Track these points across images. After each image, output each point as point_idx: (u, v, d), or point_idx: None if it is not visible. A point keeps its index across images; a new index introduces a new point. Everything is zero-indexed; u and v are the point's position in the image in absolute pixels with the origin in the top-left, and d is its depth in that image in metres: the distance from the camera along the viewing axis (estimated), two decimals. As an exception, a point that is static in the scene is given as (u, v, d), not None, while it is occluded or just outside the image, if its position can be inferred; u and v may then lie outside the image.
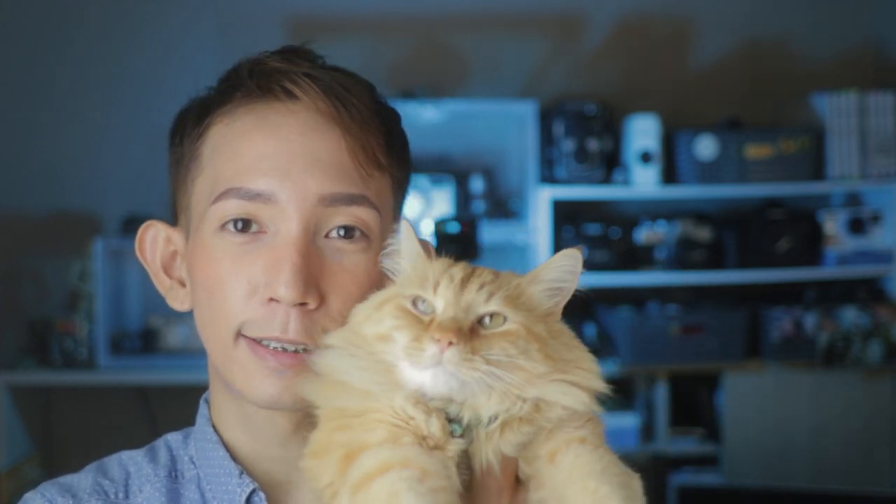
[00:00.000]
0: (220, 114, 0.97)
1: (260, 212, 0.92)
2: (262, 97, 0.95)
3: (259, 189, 0.92)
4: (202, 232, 0.95)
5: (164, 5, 3.84)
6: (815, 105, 3.79)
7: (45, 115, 3.81)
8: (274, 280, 0.91)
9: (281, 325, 0.91)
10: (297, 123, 0.94)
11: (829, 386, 3.70)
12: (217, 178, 0.94)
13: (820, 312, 3.73)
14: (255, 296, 0.92)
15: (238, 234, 0.93)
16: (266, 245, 0.92)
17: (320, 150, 0.93)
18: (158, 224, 1.03)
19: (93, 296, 3.61)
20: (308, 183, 0.92)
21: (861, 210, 3.77)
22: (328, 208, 0.93)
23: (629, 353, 3.66)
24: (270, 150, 0.92)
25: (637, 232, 3.77)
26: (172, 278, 1.03)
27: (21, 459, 3.57)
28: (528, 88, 3.93)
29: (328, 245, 0.94)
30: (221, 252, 0.93)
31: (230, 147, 0.94)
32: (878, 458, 3.69)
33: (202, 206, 0.96)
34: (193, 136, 0.98)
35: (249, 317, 0.92)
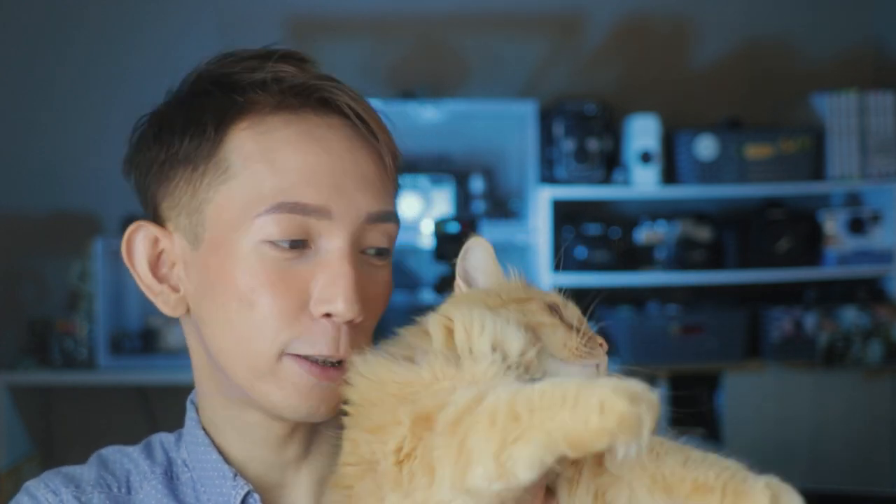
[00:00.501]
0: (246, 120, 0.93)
1: (312, 227, 0.91)
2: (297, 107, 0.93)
3: (315, 204, 0.90)
4: (236, 242, 0.91)
5: (164, 5, 3.84)
6: (815, 105, 3.79)
7: (45, 115, 3.81)
8: (331, 296, 0.90)
9: (333, 341, 0.91)
10: (342, 139, 0.93)
11: (829, 386, 3.70)
12: (259, 189, 0.91)
13: (820, 312, 3.73)
14: (305, 312, 0.90)
15: (289, 250, 0.91)
16: (315, 261, 0.91)
17: (365, 166, 0.93)
18: (147, 224, 0.98)
19: (93, 296, 3.61)
20: (359, 200, 0.92)
21: (861, 210, 3.77)
22: (369, 225, 0.94)
23: (629, 353, 3.66)
24: (322, 165, 0.91)
25: (637, 232, 3.77)
26: (161, 282, 0.99)
27: (21, 459, 3.57)
28: (528, 88, 3.93)
29: (364, 261, 0.95)
30: (266, 265, 0.90)
31: (269, 157, 0.91)
32: (878, 458, 3.69)
33: (236, 215, 0.91)
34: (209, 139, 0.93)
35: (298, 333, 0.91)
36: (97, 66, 3.81)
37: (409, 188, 3.67)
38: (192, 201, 0.94)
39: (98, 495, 1.00)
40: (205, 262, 0.94)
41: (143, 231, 0.98)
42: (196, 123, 0.94)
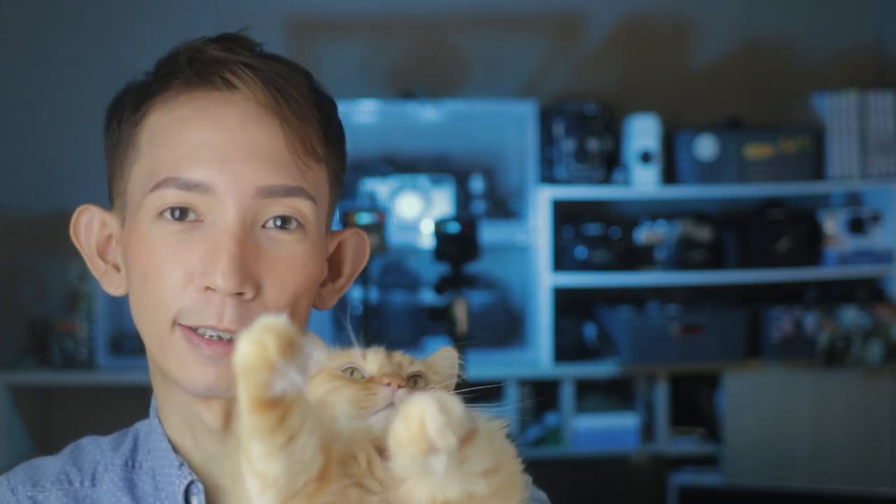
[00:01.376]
0: (159, 101, 0.96)
1: (198, 201, 0.92)
2: (200, 86, 0.95)
3: (198, 179, 0.92)
4: (139, 219, 0.95)
5: (164, 5, 3.84)
6: (815, 105, 3.79)
7: (45, 115, 3.81)
8: (211, 269, 0.91)
9: (217, 313, 0.91)
10: (237, 113, 0.93)
11: (830, 386, 3.70)
12: (155, 167, 0.94)
13: (820, 312, 3.73)
14: (192, 284, 0.92)
15: (175, 223, 0.92)
16: (203, 234, 0.92)
17: (259, 141, 0.93)
18: (93, 208, 1.03)
19: (93, 296, 3.61)
20: (247, 174, 0.92)
21: (861, 210, 3.77)
22: (266, 199, 0.93)
23: (629, 353, 3.66)
24: (209, 140, 0.93)
25: (637, 232, 3.77)
26: (107, 263, 1.02)
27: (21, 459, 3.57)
28: (528, 88, 3.93)
29: (264, 235, 0.94)
30: (158, 239, 0.93)
31: (168, 135, 0.94)
32: (878, 458, 3.69)
33: (139, 194, 0.95)
34: (131, 122, 0.97)
35: (185, 305, 0.92)
36: (97, 66, 3.80)
37: (410, 188, 3.67)
38: (120, 183, 0.99)
39: (56, 492, 1.01)
40: (125, 242, 0.98)
41: (87, 214, 1.03)
42: (123, 108, 0.99)
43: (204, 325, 0.92)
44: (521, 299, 3.93)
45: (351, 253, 1.07)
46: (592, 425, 3.70)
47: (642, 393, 3.79)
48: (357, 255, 1.08)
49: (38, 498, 1.00)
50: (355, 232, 1.07)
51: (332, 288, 1.06)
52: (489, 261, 3.63)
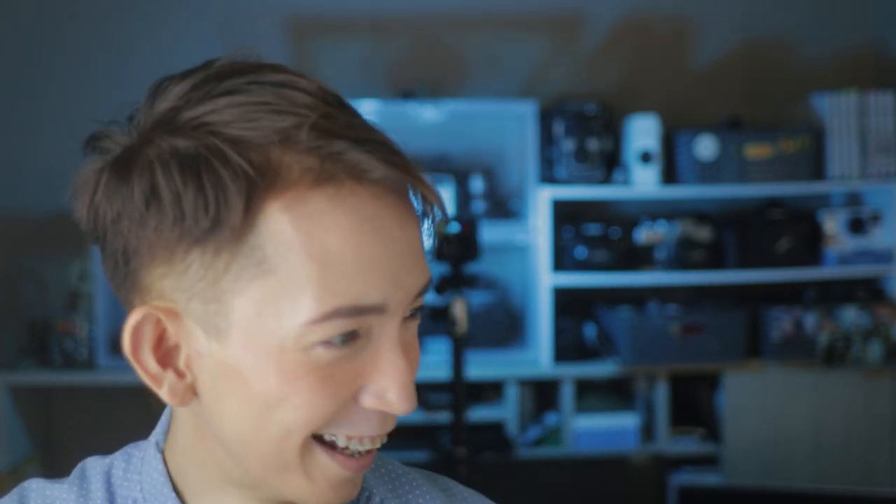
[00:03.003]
0: (278, 196, 0.74)
1: (367, 323, 0.77)
2: (336, 177, 0.75)
3: (373, 303, 0.76)
4: (279, 343, 0.76)
5: (165, 5, 3.84)
6: (815, 105, 3.79)
7: (46, 115, 3.81)
8: (383, 390, 0.78)
9: (381, 425, 0.80)
10: (392, 213, 0.77)
11: (830, 386, 3.70)
12: (313, 290, 0.75)
13: (820, 312, 3.73)
14: (353, 401, 0.79)
15: (341, 347, 0.77)
16: (366, 352, 0.79)
17: (416, 242, 0.79)
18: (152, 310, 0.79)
19: (93, 296, 3.61)
20: (412, 284, 0.79)
21: (861, 210, 3.77)
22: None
23: (629, 353, 3.66)
24: (380, 255, 0.76)
25: (637, 232, 3.77)
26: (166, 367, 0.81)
27: (21, 459, 3.57)
28: (528, 88, 3.93)
29: (404, 327, 0.82)
30: (315, 366, 0.77)
31: (321, 249, 0.75)
32: (878, 458, 3.69)
33: (274, 313, 0.76)
34: (233, 223, 0.74)
35: (337, 419, 0.79)
36: (97, 67, 3.81)
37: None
38: (210, 289, 0.76)
39: None
40: (231, 358, 0.78)
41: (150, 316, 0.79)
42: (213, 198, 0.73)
43: (360, 435, 0.80)
44: (521, 299, 3.94)
45: None
46: (592, 425, 3.70)
47: (642, 393, 3.80)
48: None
49: None
50: None
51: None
52: (489, 261, 3.63)
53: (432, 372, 3.46)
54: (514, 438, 3.60)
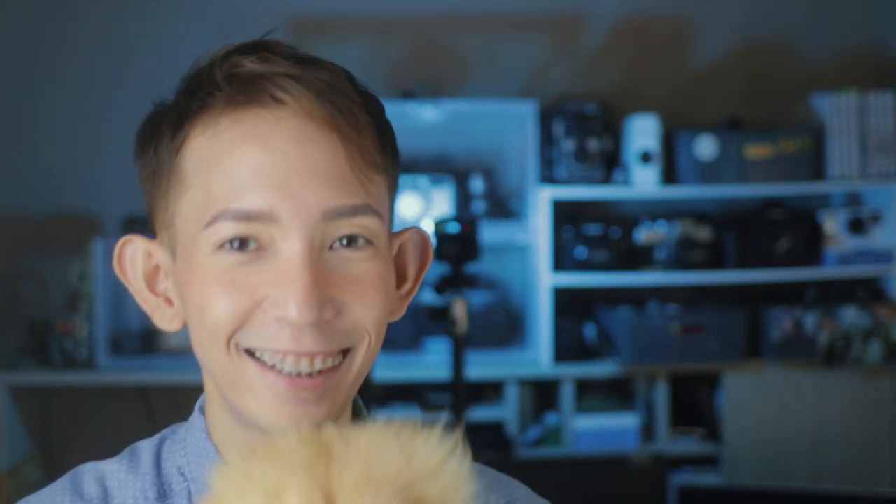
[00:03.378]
0: (199, 123, 0.88)
1: (259, 231, 0.85)
2: (245, 104, 0.87)
3: (258, 209, 0.85)
4: (195, 254, 0.87)
5: (164, 5, 3.84)
6: (815, 105, 3.79)
7: (45, 115, 3.81)
8: (283, 301, 0.84)
9: (292, 339, 0.85)
10: (290, 133, 0.86)
11: (830, 386, 3.70)
12: (207, 198, 0.86)
13: (820, 312, 3.73)
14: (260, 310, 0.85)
15: (236, 253, 0.85)
16: (269, 263, 0.85)
17: (318, 161, 0.86)
18: (137, 239, 0.94)
19: (93, 296, 3.61)
20: (309, 198, 0.85)
21: (861, 210, 3.77)
22: (332, 221, 0.86)
23: (629, 353, 3.66)
24: (265, 164, 0.85)
25: (637, 232, 3.77)
26: (158, 295, 0.94)
27: (21, 459, 3.57)
28: (528, 88, 3.93)
29: (333, 256, 0.87)
30: (218, 269, 0.86)
31: (217, 162, 0.87)
32: (878, 458, 3.69)
33: (192, 227, 0.88)
34: (171, 149, 0.89)
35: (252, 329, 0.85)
36: (97, 66, 3.81)
37: (409, 188, 3.67)
38: (165, 215, 0.91)
39: None
40: (178, 276, 0.90)
41: (131, 245, 0.95)
42: (159, 134, 0.90)
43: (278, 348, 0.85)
44: (521, 299, 3.93)
45: (414, 253, 0.99)
46: (592, 425, 3.70)
47: (642, 393, 3.79)
48: (420, 254, 0.99)
49: None
50: (415, 231, 0.99)
51: (399, 295, 0.98)
52: (489, 261, 3.63)
53: (432, 372, 3.46)
54: (514, 438, 3.60)
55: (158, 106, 0.92)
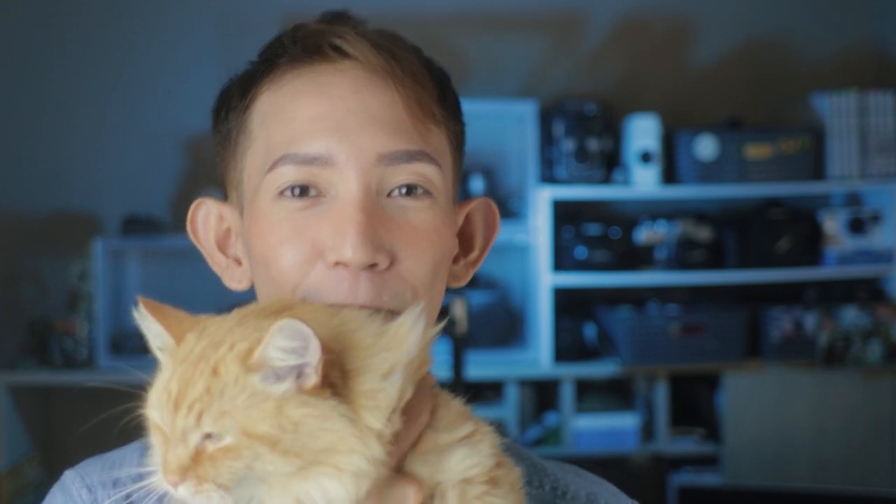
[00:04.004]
0: (266, 82, 0.92)
1: (318, 176, 0.87)
2: (307, 59, 0.91)
3: (315, 152, 0.87)
4: (258, 203, 0.90)
5: (164, 5, 3.84)
6: (815, 105, 3.79)
7: (45, 115, 3.81)
8: (340, 242, 0.85)
9: (349, 288, 0.85)
10: (348, 81, 0.89)
11: (830, 386, 3.70)
12: (270, 147, 0.89)
13: (820, 312, 3.73)
14: (320, 261, 0.86)
15: (296, 200, 0.87)
16: (327, 208, 0.87)
17: (375, 106, 0.88)
18: (210, 201, 0.97)
19: (93, 296, 3.61)
20: (366, 141, 0.87)
21: (861, 210, 3.77)
22: (388, 167, 0.88)
23: (629, 353, 3.66)
24: (323, 111, 0.88)
25: (637, 232, 3.77)
26: (228, 257, 0.97)
27: (21, 459, 3.57)
28: (528, 88, 3.93)
29: (391, 204, 0.88)
30: (279, 218, 0.88)
31: (280, 113, 0.90)
32: (878, 458, 3.69)
33: (256, 178, 0.90)
34: (240, 109, 0.93)
35: (313, 283, 0.86)
36: (97, 66, 3.81)
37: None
38: (235, 174, 0.94)
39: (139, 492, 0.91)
40: (245, 232, 0.93)
41: (203, 208, 0.97)
42: (229, 100, 0.94)
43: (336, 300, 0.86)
44: (521, 299, 3.93)
45: (481, 223, 1.01)
46: (592, 425, 3.70)
47: (642, 393, 3.79)
48: (487, 224, 1.02)
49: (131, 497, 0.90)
50: (483, 201, 1.01)
51: (466, 263, 1.01)
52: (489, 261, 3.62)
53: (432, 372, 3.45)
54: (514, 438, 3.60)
55: (232, 78, 0.96)
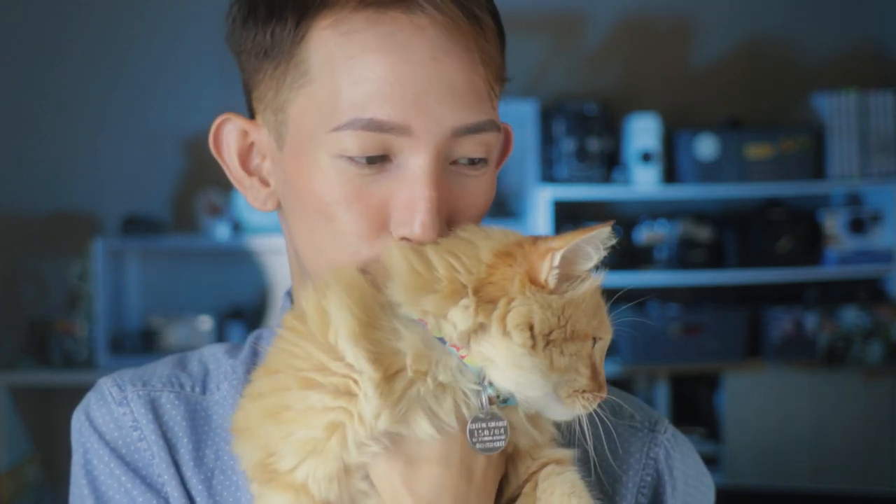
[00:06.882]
0: (330, 15, 0.85)
1: (388, 142, 0.84)
2: (380, 4, 0.84)
3: (391, 121, 0.83)
4: (316, 153, 0.86)
5: (164, 5, 3.84)
6: (815, 105, 3.79)
7: (45, 115, 3.81)
8: (409, 219, 0.84)
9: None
10: (428, 44, 0.84)
11: (830, 386, 3.70)
12: (336, 101, 0.85)
13: (820, 312, 3.73)
14: (385, 230, 0.86)
15: (363, 165, 0.85)
16: (394, 178, 0.85)
17: (454, 76, 0.85)
18: (234, 118, 0.94)
19: (92, 296, 3.61)
20: (444, 114, 0.84)
21: (861, 210, 3.77)
22: (459, 137, 0.86)
23: (629, 353, 3.66)
24: (402, 76, 0.83)
25: (637, 232, 3.77)
26: (251, 174, 0.95)
27: (21, 459, 3.57)
28: (528, 88, 3.92)
29: (454, 172, 0.88)
30: (343, 179, 0.85)
31: (349, 65, 0.85)
32: (878, 458, 3.69)
33: (311, 125, 0.87)
34: (293, 35, 0.87)
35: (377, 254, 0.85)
36: (97, 66, 3.81)
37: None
38: (276, 98, 0.90)
39: (168, 394, 0.96)
40: (288, 165, 0.90)
41: (230, 123, 0.94)
42: (278, 16, 0.88)
43: None
44: (522, 299, 3.93)
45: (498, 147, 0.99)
46: (592, 425, 3.70)
47: (642, 393, 3.79)
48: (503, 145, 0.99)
49: (152, 395, 0.96)
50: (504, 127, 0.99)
51: None
52: (489, 261, 3.62)
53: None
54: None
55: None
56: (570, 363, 0.81)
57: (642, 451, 0.97)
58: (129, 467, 0.94)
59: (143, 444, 0.95)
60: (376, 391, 0.77)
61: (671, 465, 0.97)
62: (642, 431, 0.98)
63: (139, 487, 0.93)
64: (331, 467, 0.78)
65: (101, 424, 0.97)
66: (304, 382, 0.79)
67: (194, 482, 0.93)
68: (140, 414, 0.95)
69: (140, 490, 0.93)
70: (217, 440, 0.95)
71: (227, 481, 0.94)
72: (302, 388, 0.79)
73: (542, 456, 0.84)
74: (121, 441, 0.95)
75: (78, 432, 1.01)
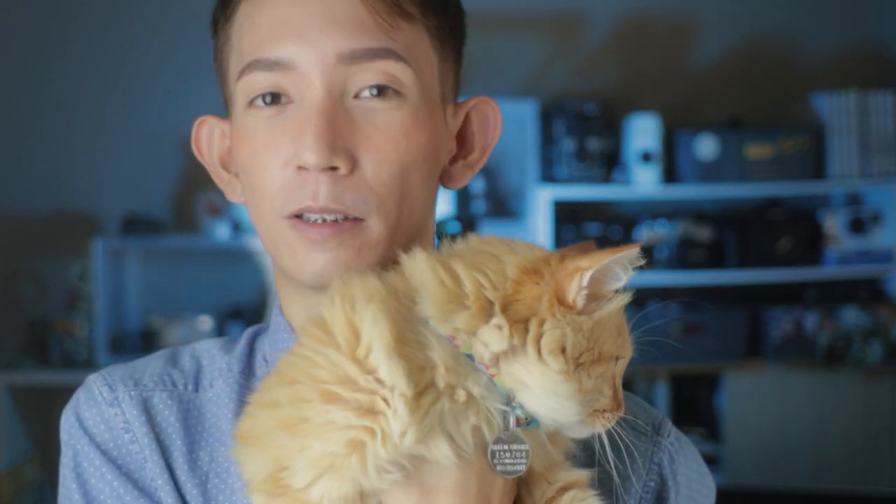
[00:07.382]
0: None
1: (283, 81, 0.88)
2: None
3: (278, 56, 0.88)
4: (235, 114, 0.91)
5: (164, 5, 3.84)
6: (815, 105, 3.79)
7: (45, 115, 3.81)
8: (300, 147, 0.86)
9: (311, 192, 0.86)
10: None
11: (830, 386, 3.70)
12: (240, 54, 0.91)
13: (820, 312, 3.73)
14: (288, 167, 0.87)
15: (266, 108, 0.88)
16: (293, 114, 0.88)
17: (335, 7, 0.88)
18: (211, 119, 0.98)
19: (92, 296, 3.61)
20: (324, 42, 0.87)
21: (861, 210, 3.77)
22: (351, 66, 0.87)
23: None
24: (287, 15, 0.88)
25: (637, 232, 3.77)
26: (230, 173, 0.97)
27: (21, 459, 3.57)
28: (528, 88, 3.93)
29: (358, 106, 0.88)
30: (252, 129, 0.89)
31: (251, 20, 0.90)
32: (878, 458, 3.69)
33: (232, 86, 0.92)
34: (223, 21, 0.94)
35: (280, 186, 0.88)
36: (97, 66, 3.81)
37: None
38: (226, 87, 0.95)
39: (160, 393, 0.95)
40: (231, 142, 0.95)
41: (206, 125, 0.98)
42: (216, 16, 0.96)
43: (301, 207, 0.87)
44: (521, 299, 3.93)
45: (481, 123, 1.00)
46: (592, 425, 3.70)
47: (642, 393, 3.79)
48: (488, 125, 1.00)
49: (143, 395, 0.95)
50: (483, 99, 1.00)
51: (464, 164, 0.98)
52: (489, 261, 3.63)
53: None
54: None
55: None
56: (595, 385, 0.79)
57: (646, 456, 0.96)
58: (120, 471, 0.92)
59: (136, 447, 0.93)
60: (407, 408, 0.75)
61: (675, 470, 0.97)
62: (646, 435, 0.97)
63: (131, 493, 0.91)
64: (347, 488, 0.76)
65: (91, 426, 0.97)
66: (327, 396, 0.76)
67: (189, 486, 0.92)
68: (132, 416, 0.94)
69: (133, 495, 0.91)
70: (211, 441, 0.93)
71: (223, 484, 0.92)
72: (324, 401, 0.76)
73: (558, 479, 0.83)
74: (112, 444, 0.94)
75: (67, 433, 0.99)
